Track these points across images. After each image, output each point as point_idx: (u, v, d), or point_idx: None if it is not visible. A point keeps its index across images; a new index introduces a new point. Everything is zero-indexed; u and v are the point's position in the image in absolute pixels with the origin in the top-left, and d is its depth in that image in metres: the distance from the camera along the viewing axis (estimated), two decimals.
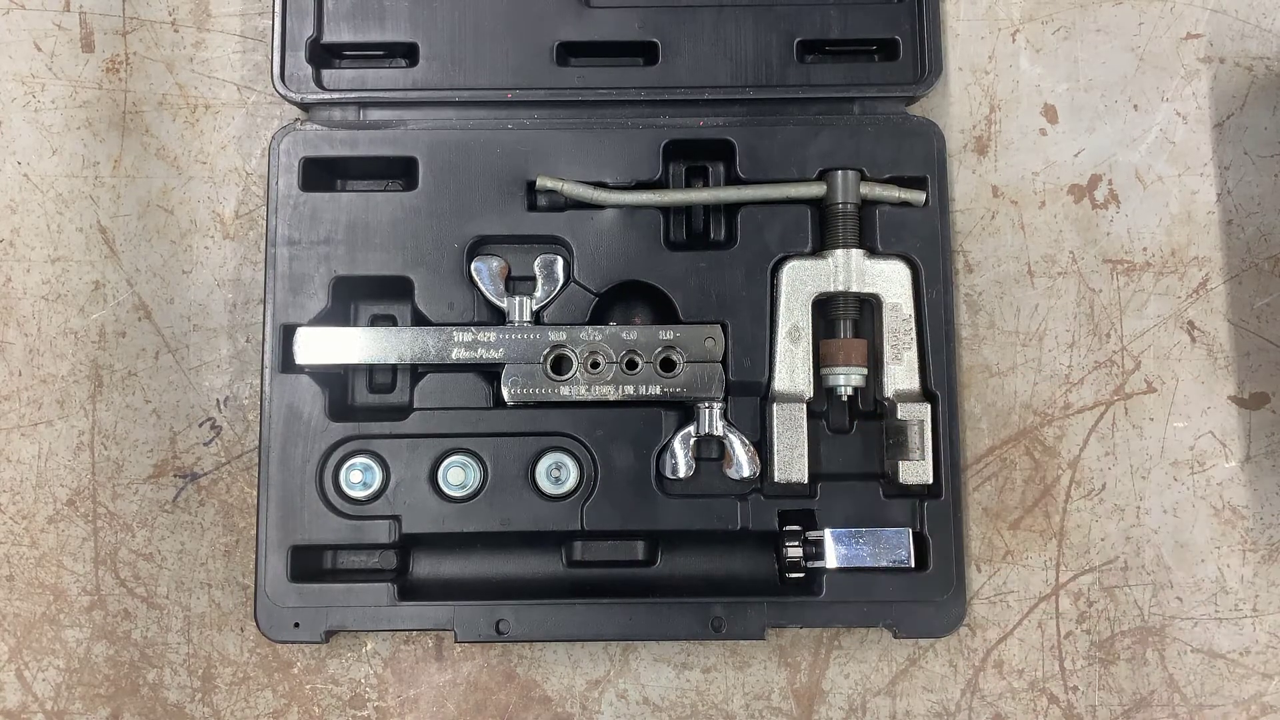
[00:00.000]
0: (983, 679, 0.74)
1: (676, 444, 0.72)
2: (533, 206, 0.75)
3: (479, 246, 0.74)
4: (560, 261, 0.74)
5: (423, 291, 0.73)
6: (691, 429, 0.72)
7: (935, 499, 0.72)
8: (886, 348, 0.73)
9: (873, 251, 0.73)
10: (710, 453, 0.74)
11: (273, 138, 0.74)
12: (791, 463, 0.71)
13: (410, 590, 0.72)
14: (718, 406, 0.72)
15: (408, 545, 0.73)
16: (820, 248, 0.74)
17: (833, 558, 0.71)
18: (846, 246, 0.73)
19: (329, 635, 0.71)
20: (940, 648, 0.75)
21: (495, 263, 0.74)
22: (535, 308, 0.73)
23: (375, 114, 0.75)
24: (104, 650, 0.74)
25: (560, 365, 0.72)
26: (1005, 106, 0.79)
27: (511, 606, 0.70)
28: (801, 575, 0.71)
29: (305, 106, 0.75)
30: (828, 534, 0.71)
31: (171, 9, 0.79)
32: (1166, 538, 0.76)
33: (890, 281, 0.73)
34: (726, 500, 0.72)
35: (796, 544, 0.71)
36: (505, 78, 0.75)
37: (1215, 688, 0.74)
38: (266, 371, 0.72)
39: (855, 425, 0.75)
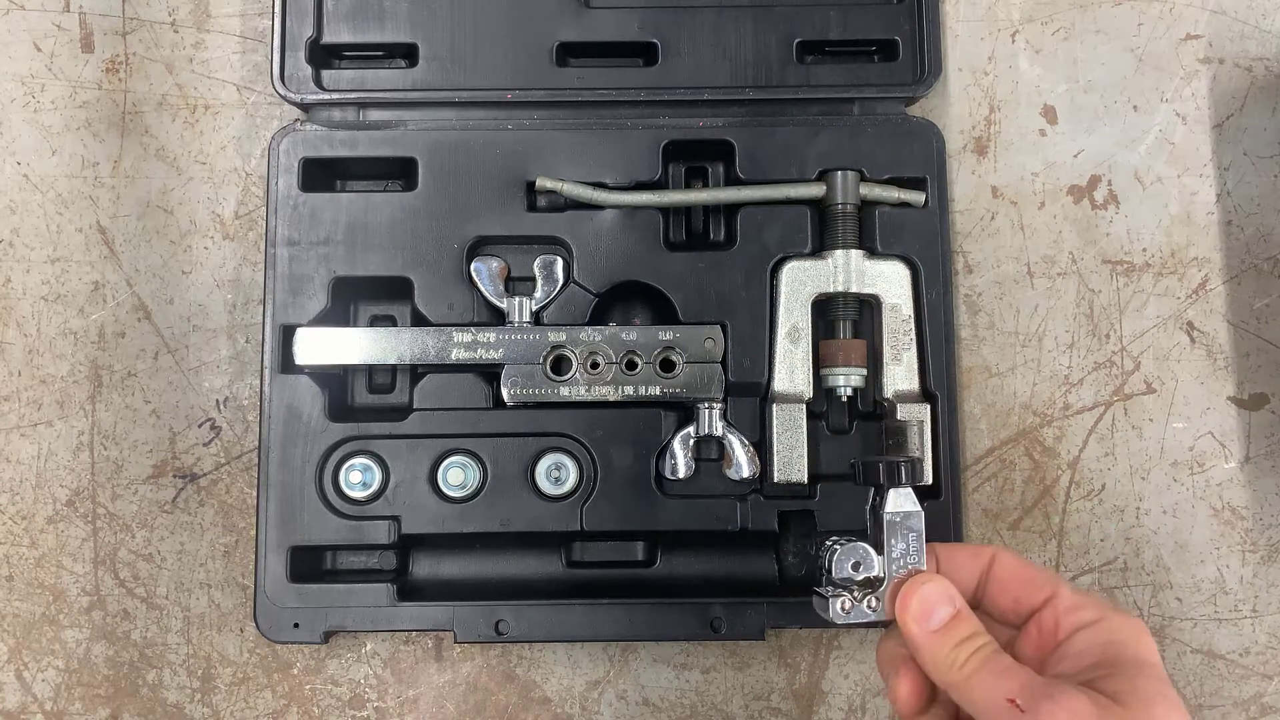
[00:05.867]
0: None
1: (676, 444, 0.72)
2: (532, 207, 0.75)
3: (479, 247, 0.74)
4: (560, 262, 0.74)
5: (422, 292, 0.73)
6: (691, 429, 0.72)
7: (935, 499, 0.72)
8: (886, 348, 0.73)
9: (872, 252, 0.73)
10: (710, 453, 0.74)
11: (272, 138, 0.74)
12: (791, 463, 0.71)
13: (410, 591, 0.72)
14: (717, 407, 0.72)
15: (407, 546, 0.73)
16: (820, 248, 0.74)
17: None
18: (846, 247, 0.73)
19: (328, 636, 0.71)
20: None
21: (495, 263, 0.74)
22: (535, 308, 0.73)
23: (375, 114, 0.75)
24: (103, 651, 0.74)
25: (560, 366, 0.72)
26: (1005, 107, 0.79)
27: (511, 607, 0.70)
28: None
29: (305, 107, 0.75)
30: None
31: (171, 9, 0.79)
32: (1166, 538, 0.76)
33: (890, 282, 0.73)
34: (726, 501, 0.72)
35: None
36: (505, 78, 0.75)
37: (1215, 688, 0.74)
38: (266, 372, 0.72)
39: (855, 426, 0.75)
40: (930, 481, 0.71)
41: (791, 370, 0.73)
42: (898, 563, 0.57)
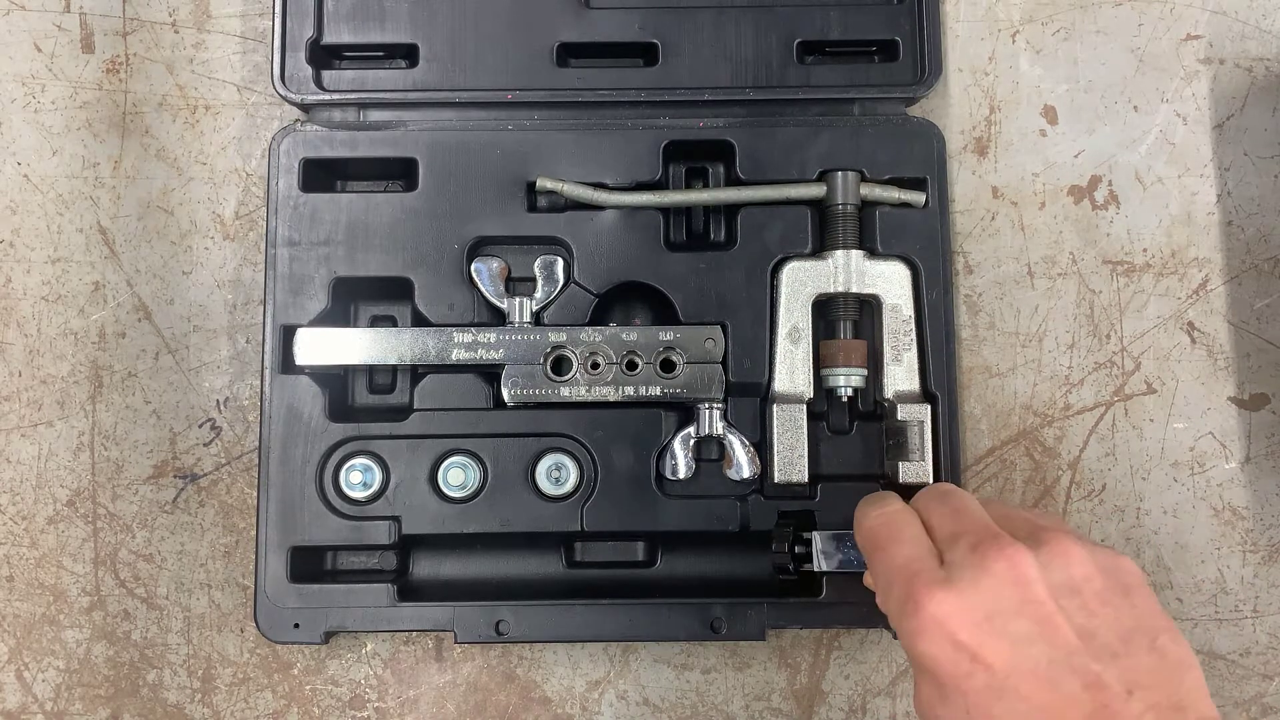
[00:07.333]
0: None
1: (676, 445, 0.72)
2: (533, 207, 0.75)
3: (479, 247, 0.74)
4: (560, 262, 0.74)
5: (423, 292, 0.73)
6: (691, 430, 0.72)
7: None
8: (886, 349, 0.73)
9: (873, 252, 0.73)
10: (710, 454, 0.74)
11: (273, 139, 0.74)
12: (791, 463, 0.71)
13: (410, 591, 0.72)
14: (718, 407, 0.72)
15: (408, 546, 0.73)
16: (820, 249, 0.74)
17: (822, 562, 0.68)
18: (846, 247, 0.73)
19: (329, 636, 0.71)
20: None
21: (495, 263, 0.74)
22: (535, 308, 0.73)
23: (375, 115, 0.75)
24: (104, 651, 0.74)
25: (560, 366, 0.72)
26: (1005, 107, 0.79)
27: (511, 607, 0.70)
28: (794, 578, 0.70)
29: (305, 107, 0.75)
30: (817, 537, 0.68)
31: (171, 10, 0.79)
32: (1166, 539, 0.76)
33: (890, 282, 0.73)
34: (726, 501, 0.72)
35: (784, 550, 0.69)
36: (505, 78, 0.75)
37: (1215, 689, 0.74)
38: (266, 372, 0.72)
39: (855, 426, 0.75)
40: (931, 481, 0.71)
41: (792, 370, 0.73)
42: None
